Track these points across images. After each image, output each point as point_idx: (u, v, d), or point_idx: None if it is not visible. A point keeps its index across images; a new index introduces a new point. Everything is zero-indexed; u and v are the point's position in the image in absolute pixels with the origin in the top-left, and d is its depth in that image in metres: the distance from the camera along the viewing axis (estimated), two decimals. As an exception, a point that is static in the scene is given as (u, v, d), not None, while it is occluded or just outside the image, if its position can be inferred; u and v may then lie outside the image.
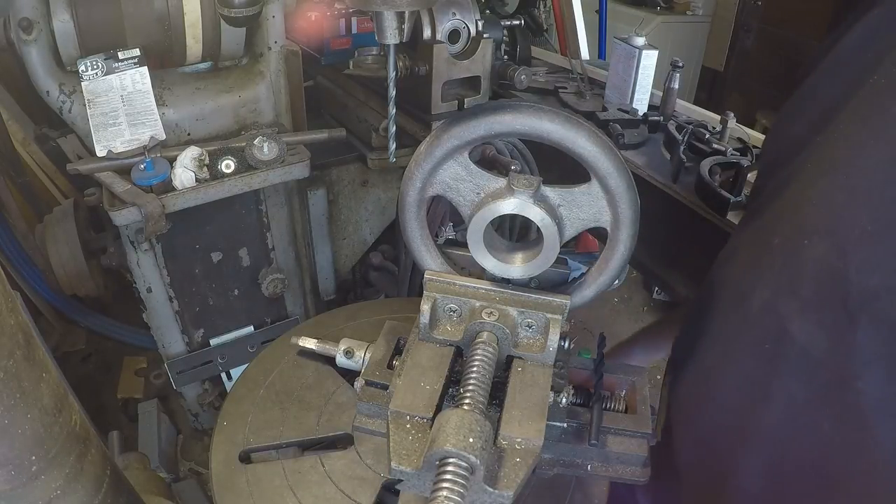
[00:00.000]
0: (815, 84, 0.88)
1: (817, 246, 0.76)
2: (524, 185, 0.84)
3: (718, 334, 0.96)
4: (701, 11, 4.50)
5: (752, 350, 0.86)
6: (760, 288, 0.85)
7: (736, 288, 0.93)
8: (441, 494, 0.65)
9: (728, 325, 0.93)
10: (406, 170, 0.90)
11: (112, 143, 1.72)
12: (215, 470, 1.03)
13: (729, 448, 0.92)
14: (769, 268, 0.84)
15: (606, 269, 0.92)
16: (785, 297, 0.80)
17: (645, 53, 1.99)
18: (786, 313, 0.79)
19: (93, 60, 1.64)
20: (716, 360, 0.95)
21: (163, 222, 1.67)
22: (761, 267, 0.86)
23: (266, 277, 2.12)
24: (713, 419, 0.95)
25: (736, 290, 0.93)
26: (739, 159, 1.68)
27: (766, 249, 0.86)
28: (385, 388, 0.93)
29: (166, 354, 2.14)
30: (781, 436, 0.83)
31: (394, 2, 0.82)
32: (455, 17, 1.92)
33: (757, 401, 0.85)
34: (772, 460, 0.86)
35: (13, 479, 0.69)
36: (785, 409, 0.82)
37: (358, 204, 2.35)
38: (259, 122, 1.94)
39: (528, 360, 0.89)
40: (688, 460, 1.03)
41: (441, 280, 0.93)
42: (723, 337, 0.94)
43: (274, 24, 1.85)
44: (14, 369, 0.64)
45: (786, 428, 0.82)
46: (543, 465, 0.90)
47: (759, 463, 0.87)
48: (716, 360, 0.95)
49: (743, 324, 0.88)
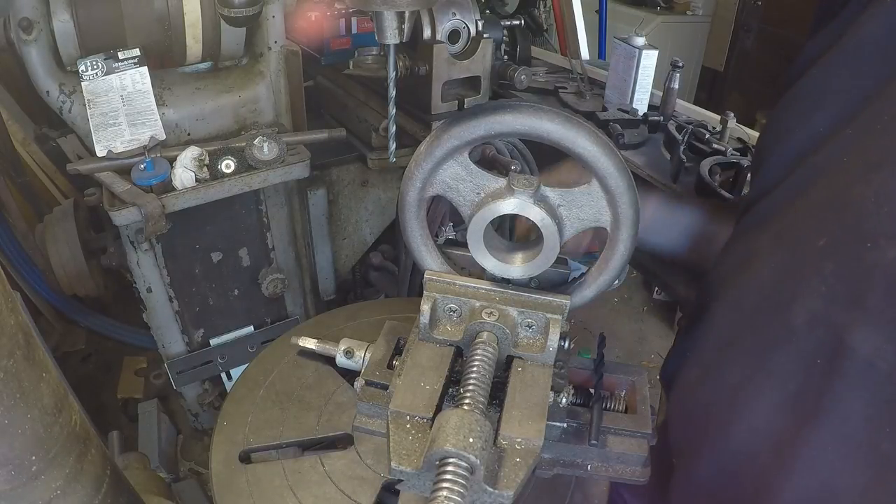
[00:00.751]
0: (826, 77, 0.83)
1: (885, 250, 0.68)
2: (524, 185, 0.84)
3: (750, 348, 0.86)
4: (701, 11, 4.50)
5: (798, 365, 0.77)
6: (805, 297, 0.77)
7: (767, 297, 0.84)
8: (441, 494, 0.65)
9: (761, 339, 0.84)
10: (406, 170, 0.90)
11: (112, 143, 1.72)
12: (215, 470, 1.03)
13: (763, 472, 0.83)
14: (815, 274, 0.76)
15: (606, 269, 0.92)
16: (842, 307, 0.72)
17: (645, 53, 1.99)
18: (844, 324, 0.72)
19: (93, 60, 1.64)
20: (744, 377, 0.86)
21: (163, 222, 1.67)
22: (804, 274, 0.78)
23: (266, 277, 2.12)
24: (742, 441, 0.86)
25: (768, 300, 0.84)
26: (739, 159, 1.68)
27: (806, 254, 0.78)
28: (385, 388, 0.93)
29: (166, 354, 2.14)
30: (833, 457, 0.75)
31: (394, 2, 0.82)
32: (455, 17, 1.92)
33: (804, 421, 0.77)
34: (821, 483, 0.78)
35: (13, 479, 0.69)
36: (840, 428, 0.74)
37: (358, 204, 2.35)
38: (259, 122, 1.94)
39: (528, 360, 0.89)
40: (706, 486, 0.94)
41: (441, 280, 0.93)
42: (756, 351, 0.85)
43: (274, 24, 1.85)
44: (14, 369, 0.64)
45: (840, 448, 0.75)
46: (543, 465, 0.90)
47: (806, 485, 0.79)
48: (744, 378, 0.86)
49: (783, 337, 0.80)
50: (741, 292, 0.90)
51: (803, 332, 0.76)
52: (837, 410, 0.73)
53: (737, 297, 0.91)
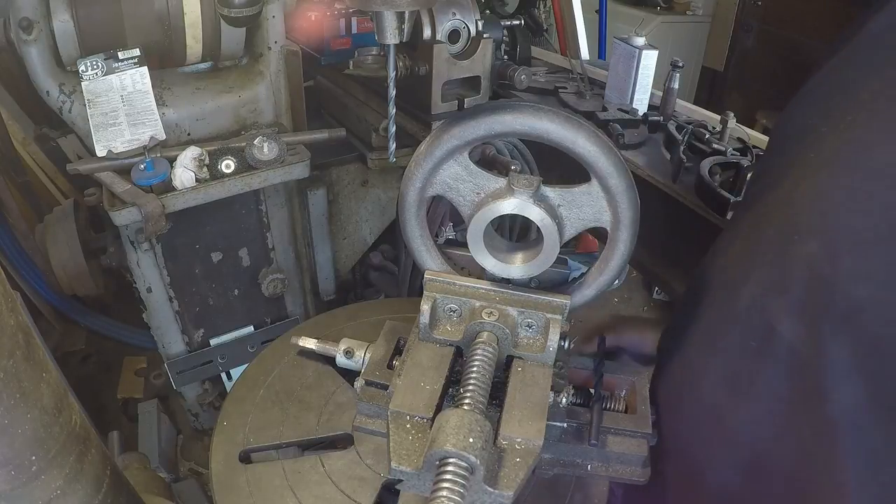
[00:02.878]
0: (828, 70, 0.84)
1: (808, 244, 0.72)
2: (524, 185, 0.84)
3: (705, 326, 0.92)
4: (701, 11, 4.50)
5: (739, 345, 0.82)
6: (750, 282, 0.81)
7: (725, 280, 0.90)
8: (441, 494, 0.65)
9: (714, 318, 0.90)
10: (406, 170, 0.90)
11: (112, 143, 1.72)
12: (215, 470, 1.03)
13: (708, 441, 0.89)
14: (760, 262, 0.81)
15: (606, 269, 0.92)
16: (774, 294, 0.77)
17: (645, 53, 1.99)
18: (774, 310, 0.76)
19: (93, 60, 1.64)
20: (700, 352, 0.92)
21: (163, 222, 1.67)
22: (752, 260, 0.83)
23: (266, 277, 2.12)
24: (693, 411, 0.92)
25: (725, 282, 0.90)
26: (739, 159, 1.68)
27: (757, 242, 0.83)
28: (385, 388, 0.93)
29: (166, 354, 2.14)
30: (763, 434, 0.81)
31: (394, 2, 0.82)
32: (455, 17, 1.92)
33: (740, 396, 0.82)
34: (751, 458, 0.83)
35: (13, 479, 0.69)
36: (769, 407, 0.79)
37: (358, 204, 2.35)
38: (259, 122, 1.94)
39: (528, 360, 0.89)
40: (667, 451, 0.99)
41: (441, 280, 0.93)
42: (709, 329, 0.91)
43: (274, 24, 1.85)
44: (14, 369, 0.64)
45: (768, 427, 0.80)
46: (543, 465, 0.90)
47: (738, 459, 0.84)
48: (700, 353, 0.92)
49: (730, 317, 0.85)
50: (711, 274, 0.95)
51: (744, 315, 0.82)
52: (768, 390, 0.79)
53: (707, 278, 0.96)
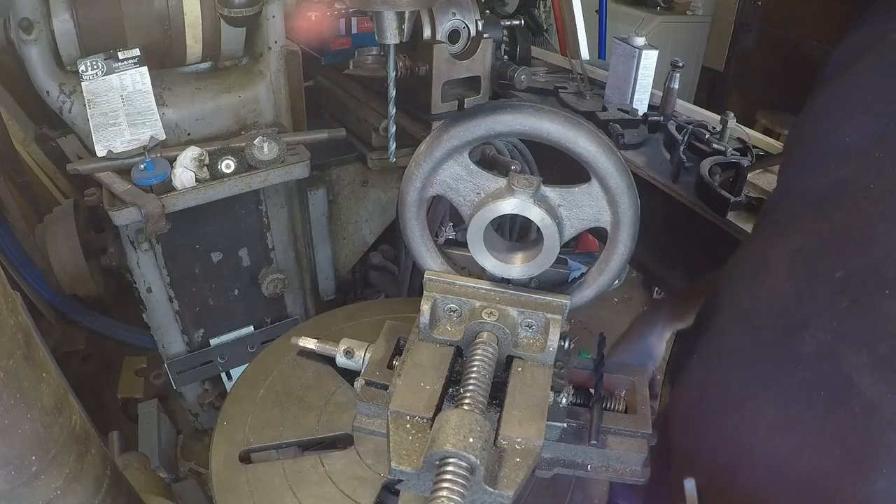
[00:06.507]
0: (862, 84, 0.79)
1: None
2: (524, 185, 0.84)
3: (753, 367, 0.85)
4: (701, 11, 4.50)
5: (802, 393, 0.76)
6: (815, 326, 0.75)
7: (777, 317, 0.82)
8: (441, 495, 0.65)
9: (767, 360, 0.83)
10: (406, 170, 0.90)
11: (112, 143, 1.72)
12: (215, 470, 1.03)
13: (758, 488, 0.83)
14: (828, 306, 0.74)
15: (606, 269, 0.92)
16: (851, 346, 0.71)
17: (645, 53, 1.99)
18: (852, 363, 0.70)
19: (93, 60, 1.64)
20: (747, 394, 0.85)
21: (163, 222, 1.67)
22: (816, 301, 0.76)
23: (266, 277, 2.13)
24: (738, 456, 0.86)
25: (778, 321, 0.82)
26: (739, 159, 1.68)
27: (821, 281, 0.75)
28: (385, 388, 0.93)
29: (166, 354, 2.14)
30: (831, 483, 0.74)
31: (394, 2, 0.82)
32: (455, 17, 1.92)
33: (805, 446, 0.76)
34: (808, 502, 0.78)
35: (13, 479, 0.69)
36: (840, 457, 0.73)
37: (358, 204, 2.35)
38: (259, 122, 1.94)
39: (528, 360, 0.89)
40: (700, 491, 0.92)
41: (441, 280, 0.93)
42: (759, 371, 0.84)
43: (274, 24, 1.85)
44: (14, 369, 0.64)
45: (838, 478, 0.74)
46: (543, 465, 0.90)
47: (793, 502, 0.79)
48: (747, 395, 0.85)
49: (790, 362, 0.78)
50: (752, 304, 0.88)
51: (810, 361, 0.75)
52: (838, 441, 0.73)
53: (747, 308, 0.89)
